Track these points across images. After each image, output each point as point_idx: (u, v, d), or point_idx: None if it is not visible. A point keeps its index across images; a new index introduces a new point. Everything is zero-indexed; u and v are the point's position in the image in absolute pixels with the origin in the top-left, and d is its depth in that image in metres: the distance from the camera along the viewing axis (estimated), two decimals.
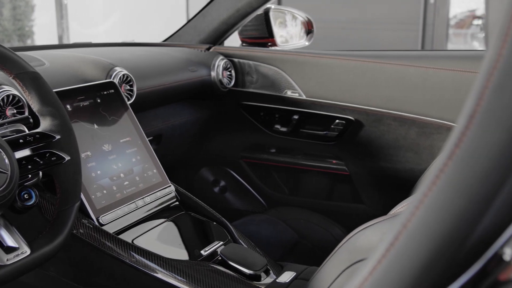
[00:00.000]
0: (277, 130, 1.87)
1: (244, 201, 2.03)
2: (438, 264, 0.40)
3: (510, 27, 0.42)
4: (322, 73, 1.74)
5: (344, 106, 1.73)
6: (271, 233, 1.72)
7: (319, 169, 1.88)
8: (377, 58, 1.69)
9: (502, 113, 0.41)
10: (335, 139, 1.79)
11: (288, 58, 1.80)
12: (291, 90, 1.79)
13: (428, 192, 0.42)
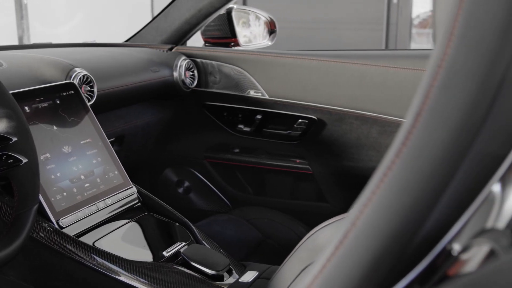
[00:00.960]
0: (241, 130, 1.87)
1: (208, 202, 2.03)
2: (387, 261, 0.41)
3: (455, 26, 0.43)
4: (285, 73, 1.75)
5: (306, 105, 1.74)
6: (235, 233, 1.72)
7: (282, 168, 1.88)
8: (339, 57, 1.70)
9: (447, 111, 0.42)
10: (298, 139, 1.80)
11: (250, 58, 1.80)
12: (254, 90, 1.79)
13: (376, 190, 0.42)
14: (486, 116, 0.42)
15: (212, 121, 1.90)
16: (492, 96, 0.42)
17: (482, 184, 0.45)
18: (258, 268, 1.24)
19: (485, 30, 0.42)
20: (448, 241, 0.44)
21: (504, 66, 0.43)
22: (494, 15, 0.42)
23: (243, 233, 1.72)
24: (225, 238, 1.68)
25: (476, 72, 0.42)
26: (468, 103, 0.42)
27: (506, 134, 0.46)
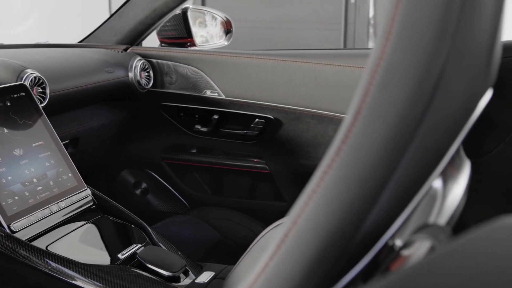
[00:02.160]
0: (198, 130, 1.86)
1: (166, 203, 2.02)
2: (328, 258, 0.41)
3: (392, 26, 0.43)
4: (241, 72, 1.75)
5: (263, 105, 1.74)
6: (193, 234, 1.71)
7: (240, 168, 1.88)
8: (295, 57, 1.71)
9: (386, 109, 0.42)
10: (255, 138, 1.80)
11: (207, 58, 1.79)
12: (211, 90, 1.79)
13: (317, 188, 0.42)
14: (424, 113, 0.43)
15: (168, 121, 1.89)
16: (430, 93, 0.43)
17: (423, 180, 0.46)
18: (214, 268, 1.24)
19: (422, 30, 0.43)
20: (390, 237, 0.45)
21: (441, 64, 0.43)
22: (430, 15, 0.43)
23: (201, 233, 1.72)
24: (183, 239, 1.67)
25: (413, 71, 0.42)
26: (406, 101, 0.42)
27: (445, 130, 0.47)
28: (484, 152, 1.61)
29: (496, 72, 0.59)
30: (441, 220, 0.50)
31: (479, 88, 0.50)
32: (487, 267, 0.33)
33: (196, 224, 1.77)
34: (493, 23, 0.49)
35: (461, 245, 0.36)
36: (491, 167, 1.62)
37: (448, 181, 0.53)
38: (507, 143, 1.58)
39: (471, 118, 0.51)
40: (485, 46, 0.49)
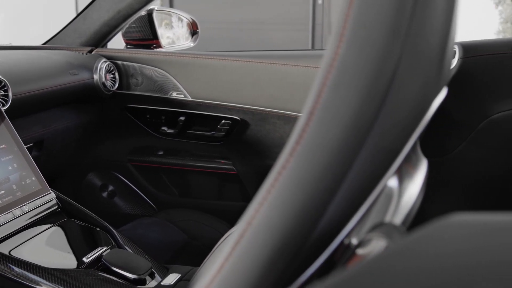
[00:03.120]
0: (164, 132, 1.86)
1: (133, 205, 2.01)
2: (284, 258, 0.42)
3: (345, 27, 0.44)
4: (207, 74, 1.75)
5: (230, 106, 1.75)
6: (160, 236, 1.71)
7: (207, 169, 1.88)
8: (261, 58, 1.72)
9: (339, 109, 0.43)
10: (222, 139, 1.80)
11: (172, 60, 1.79)
12: (177, 91, 1.79)
13: (271, 188, 0.43)
14: (377, 113, 0.44)
15: (135, 123, 1.88)
16: (383, 93, 0.44)
17: (378, 179, 0.47)
18: (180, 270, 1.23)
19: (374, 31, 0.44)
20: (345, 235, 0.46)
21: (393, 65, 0.44)
22: (382, 16, 0.44)
23: (168, 235, 1.71)
24: (150, 241, 1.66)
25: (366, 71, 0.43)
26: (359, 101, 0.43)
27: (399, 129, 0.47)
28: (446, 151, 1.64)
29: (450, 72, 0.60)
30: (397, 218, 0.51)
31: (432, 87, 0.51)
32: (434, 265, 0.34)
33: (163, 226, 1.76)
34: (445, 24, 0.50)
35: (410, 243, 0.37)
36: (453, 165, 1.65)
37: (404, 180, 0.54)
38: (468, 142, 1.61)
39: (425, 117, 0.52)
40: (437, 46, 0.50)
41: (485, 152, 1.62)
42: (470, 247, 0.35)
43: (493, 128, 1.59)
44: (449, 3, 0.50)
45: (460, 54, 1.58)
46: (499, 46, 1.57)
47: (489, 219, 0.38)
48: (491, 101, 1.58)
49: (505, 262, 0.32)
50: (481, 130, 1.59)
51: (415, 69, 0.47)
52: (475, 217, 0.38)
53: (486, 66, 1.57)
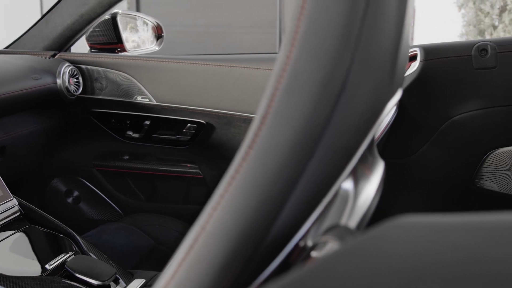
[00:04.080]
0: (129, 137, 1.85)
1: (99, 211, 1.99)
2: (237, 262, 0.42)
3: (297, 31, 0.45)
4: (172, 78, 1.75)
5: (195, 110, 1.74)
6: (126, 241, 1.69)
7: (173, 173, 1.88)
8: (225, 61, 1.72)
9: (291, 113, 0.43)
10: (187, 143, 1.80)
11: (137, 64, 1.78)
12: (142, 95, 1.78)
13: (224, 193, 0.43)
14: (330, 117, 0.44)
15: (100, 128, 1.86)
16: (335, 97, 0.44)
17: (332, 182, 0.47)
18: (145, 275, 1.23)
19: (326, 35, 0.44)
20: (300, 238, 0.46)
21: (345, 69, 0.45)
22: (334, 20, 0.44)
23: (134, 240, 1.70)
24: (116, 246, 1.65)
25: (318, 76, 0.44)
26: (311, 105, 0.43)
27: (352, 132, 0.48)
28: (410, 152, 1.66)
29: (404, 74, 0.61)
30: (353, 220, 0.52)
31: (385, 90, 0.52)
32: (381, 266, 0.34)
33: (129, 231, 1.75)
34: (397, 28, 0.51)
35: (357, 244, 0.38)
36: (416, 166, 1.67)
37: (360, 181, 0.55)
38: (431, 143, 1.64)
39: (378, 119, 0.52)
40: (389, 50, 0.51)
41: (447, 153, 1.65)
42: (416, 249, 0.35)
43: (455, 129, 1.62)
44: (400, 8, 0.51)
45: (422, 57, 1.60)
46: (460, 49, 1.60)
47: (436, 221, 0.38)
48: (452, 103, 1.61)
49: (451, 264, 0.33)
50: (443, 132, 1.62)
51: (367, 72, 0.47)
52: (423, 218, 0.39)
53: (447, 69, 1.60)
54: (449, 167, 1.67)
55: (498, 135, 1.61)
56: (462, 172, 1.66)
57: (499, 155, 1.61)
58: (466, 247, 0.34)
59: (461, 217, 0.38)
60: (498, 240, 0.35)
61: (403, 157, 1.68)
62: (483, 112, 1.59)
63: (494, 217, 0.38)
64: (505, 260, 0.32)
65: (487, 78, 1.57)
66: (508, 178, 1.61)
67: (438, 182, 1.69)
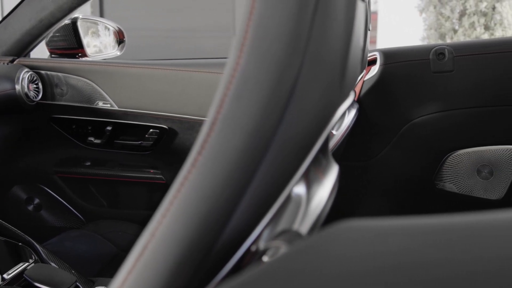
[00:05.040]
0: (91, 143, 1.83)
1: (60, 218, 1.96)
2: (188, 268, 0.42)
3: (246, 37, 0.45)
4: (133, 83, 1.73)
5: (157, 115, 1.73)
6: (88, 248, 1.68)
7: (136, 179, 1.86)
8: (187, 66, 1.72)
9: (240, 119, 0.43)
10: (150, 149, 1.79)
11: (98, 69, 1.76)
12: (103, 101, 1.76)
13: (174, 199, 0.43)
14: (279, 122, 0.45)
15: (60, 134, 1.84)
16: (284, 103, 0.45)
17: (282, 186, 0.48)
18: (106, 283, 1.22)
19: (274, 40, 0.44)
20: (252, 242, 0.46)
21: (294, 74, 0.45)
22: (282, 27, 0.45)
23: (97, 247, 1.68)
24: (78, 254, 1.63)
25: (267, 81, 0.44)
26: (260, 111, 0.44)
27: (302, 137, 0.48)
28: (371, 155, 1.68)
29: (355, 78, 0.62)
30: (306, 224, 0.52)
31: (335, 94, 0.53)
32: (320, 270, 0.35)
33: (91, 238, 1.73)
34: (346, 33, 0.52)
35: (302, 247, 0.38)
36: (378, 169, 1.69)
37: (312, 185, 0.55)
38: (391, 146, 1.66)
39: (329, 123, 0.53)
40: (338, 55, 0.51)
41: (407, 155, 1.67)
42: (358, 252, 0.36)
43: (415, 132, 1.64)
44: (349, 13, 0.52)
45: (381, 61, 1.63)
46: (418, 53, 1.63)
47: (379, 225, 0.39)
48: (412, 106, 1.63)
49: (390, 267, 0.34)
50: (403, 134, 1.65)
51: (317, 77, 0.48)
52: (367, 222, 0.39)
53: (406, 72, 1.62)
54: (409, 169, 1.69)
55: (457, 137, 1.64)
56: (423, 174, 1.69)
57: (458, 157, 1.64)
58: (406, 250, 0.35)
59: (403, 221, 0.39)
60: (437, 243, 0.35)
61: (364, 160, 1.69)
62: (442, 114, 1.62)
63: (437, 220, 0.39)
64: (443, 263, 0.33)
65: (445, 81, 1.60)
66: (467, 180, 1.65)
67: (399, 184, 1.72)
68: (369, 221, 0.39)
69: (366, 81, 1.65)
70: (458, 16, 6.91)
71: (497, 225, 0.38)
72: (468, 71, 1.59)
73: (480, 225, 0.38)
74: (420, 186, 1.69)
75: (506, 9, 6.72)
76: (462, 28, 6.89)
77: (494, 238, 0.36)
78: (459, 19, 6.92)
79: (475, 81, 1.60)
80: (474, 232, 0.37)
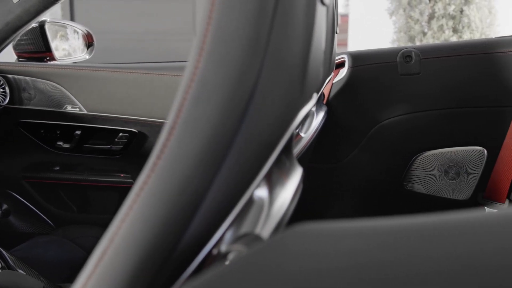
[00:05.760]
0: (60, 147, 1.81)
1: (29, 223, 1.94)
2: (148, 273, 0.42)
3: (204, 41, 0.45)
4: (102, 86, 1.72)
5: (126, 119, 1.72)
6: (58, 254, 1.66)
7: (106, 183, 1.85)
8: (156, 70, 1.71)
9: (198, 123, 0.44)
10: (120, 153, 1.78)
11: (66, 73, 1.75)
12: (72, 105, 1.75)
13: (133, 204, 0.43)
14: (239, 125, 0.45)
15: (28, 139, 1.82)
16: (244, 106, 0.45)
17: (244, 189, 0.48)
18: None
19: (232, 45, 0.45)
20: (213, 245, 0.46)
21: (253, 78, 0.45)
22: (240, 30, 0.45)
23: (67, 253, 1.67)
24: (47, 260, 1.61)
25: (226, 85, 0.44)
26: (219, 115, 0.44)
27: (263, 140, 0.49)
28: (340, 158, 1.70)
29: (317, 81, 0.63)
30: (269, 226, 0.53)
31: (296, 97, 0.53)
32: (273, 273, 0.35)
33: (61, 244, 1.71)
34: (305, 36, 0.52)
35: (258, 250, 0.38)
36: (347, 171, 1.70)
37: (275, 188, 0.55)
38: (360, 149, 1.67)
39: (291, 126, 0.53)
40: (298, 58, 0.52)
41: (376, 157, 1.69)
42: (312, 254, 0.36)
43: (383, 134, 1.66)
44: (308, 16, 0.52)
45: (350, 64, 1.64)
46: (386, 56, 1.64)
47: (333, 227, 0.39)
48: (380, 108, 1.65)
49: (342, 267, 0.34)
50: (372, 136, 1.66)
51: (277, 80, 0.48)
52: (321, 225, 0.40)
53: (374, 75, 1.64)
54: (378, 171, 1.71)
55: (424, 139, 1.66)
56: (391, 176, 1.70)
57: (425, 158, 1.66)
58: (358, 251, 0.35)
59: (360, 223, 0.40)
60: (389, 244, 0.36)
61: (334, 163, 1.71)
62: (409, 116, 1.64)
63: (396, 221, 0.40)
64: (391, 263, 0.33)
65: (412, 83, 1.62)
66: (435, 181, 1.67)
67: (369, 186, 1.73)
68: (326, 223, 0.40)
69: (334, 84, 1.66)
70: (427, 19, 7.00)
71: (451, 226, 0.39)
72: (434, 73, 1.61)
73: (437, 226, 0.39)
74: (389, 188, 1.71)
75: (474, 12, 6.83)
76: (431, 30, 6.98)
77: (448, 238, 0.37)
78: (428, 22, 7.01)
79: (441, 83, 1.62)
80: (429, 233, 0.38)
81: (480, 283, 0.32)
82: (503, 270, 0.33)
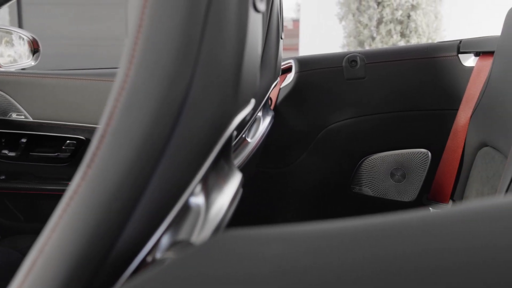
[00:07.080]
0: (5, 156, 1.77)
1: None
2: (79, 282, 0.42)
3: (135, 49, 0.45)
4: (48, 93, 1.70)
5: (74, 126, 1.70)
6: (4, 265, 1.62)
7: (54, 192, 1.82)
8: (103, 76, 1.70)
9: (130, 131, 0.44)
10: (68, 160, 1.75)
11: (10, 80, 1.72)
12: (17, 112, 1.71)
13: (63, 214, 0.43)
14: (171, 133, 0.45)
15: None
16: (175, 114, 0.45)
17: (177, 196, 0.48)
18: None
19: (162, 52, 0.45)
20: (147, 253, 0.46)
21: (185, 85, 0.46)
22: (171, 38, 0.45)
23: (13, 264, 1.63)
24: None
25: (157, 94, 0.45)
26: (151, 123, 0.44)
27: (196, 147, 0.49)
28: (289, 162, 1.71)
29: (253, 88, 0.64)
30: (206, 232, 0.53)
31: (230, 104, 0.54)
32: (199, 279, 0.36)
33: (7, 255, 1.67)
34: (238, 43, 0.53)
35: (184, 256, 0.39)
36: (296, 175, 1.72)
37: (212, 193, 0.56)
38: (309, 152, 1.69)
39: (225, 132, 0.54)
40: (231, 66, 0.52)
41: (324, 161, 1.71)
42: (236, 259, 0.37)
43: (330, 138, 1.68)
44: (241, 24, 0.53)
45: (296, 69, 1.66)
46: (332, 60, 1.67)
47: (258, 233, 0.40)
48: (327, 112, 1.68)
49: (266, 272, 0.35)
50: (319, 140, 1.68)
51: (209, 86, 0.49)
52: (250, 231, 0.40)
53: (321, 79, 1.66)
54: (327, 174, 1.73)
55: (370, 142, 1.70)
56: (340, 179, 1.73)
57: (372, 161, 1.70)
58: (282, 257, 0.36)
59: (287, 229, 0.40)
60: (315, 249, 0.37)
61: (282, 167, 1.72)
62: (355, 120, 1.67)
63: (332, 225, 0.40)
64: (314, 269, 0.34)
65: (358, 88, 1.65)
66: (381, 183, 1.70)
67: (318, 189, 1.75)
68: (253, 230, 0.40)
69: (282, 89, 1.68)
70: (375, 24, 7.11)
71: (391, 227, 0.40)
72: (379, 77, 1.65)
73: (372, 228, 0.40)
74: (338, 190, 1.74)
75: (420, 18, 6.98)
76: (379, 35, 7.09)
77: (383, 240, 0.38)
78: (377, 26, 7.13)
79: (386, 87, 1.66)
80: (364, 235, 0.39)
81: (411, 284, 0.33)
82: (445, 269, 0.34)
